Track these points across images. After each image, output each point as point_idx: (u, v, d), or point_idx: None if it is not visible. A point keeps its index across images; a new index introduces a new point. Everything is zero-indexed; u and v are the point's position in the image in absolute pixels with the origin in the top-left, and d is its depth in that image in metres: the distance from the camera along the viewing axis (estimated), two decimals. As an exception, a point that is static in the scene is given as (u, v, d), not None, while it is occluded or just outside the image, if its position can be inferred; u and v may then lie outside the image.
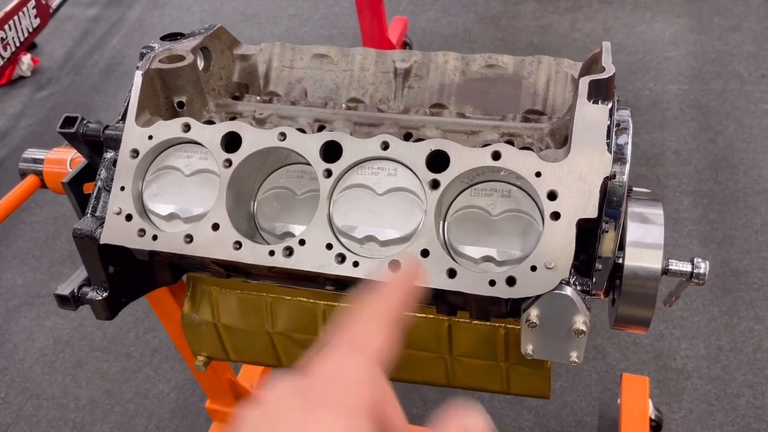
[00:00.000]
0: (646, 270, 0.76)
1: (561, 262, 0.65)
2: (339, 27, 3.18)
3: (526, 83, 0.86)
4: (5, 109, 3.01)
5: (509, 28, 3.01)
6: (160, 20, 3.46)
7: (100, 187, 0.81)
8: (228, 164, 0.75)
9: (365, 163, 0.73)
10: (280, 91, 0.94)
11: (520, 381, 0.88)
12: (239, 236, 0.73)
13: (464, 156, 0.69)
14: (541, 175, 0.67)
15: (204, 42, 0.89)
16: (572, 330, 0.69)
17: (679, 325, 1.76)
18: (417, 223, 0.70)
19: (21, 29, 2.97)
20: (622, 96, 1.46)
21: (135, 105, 0.79)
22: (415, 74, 0.90)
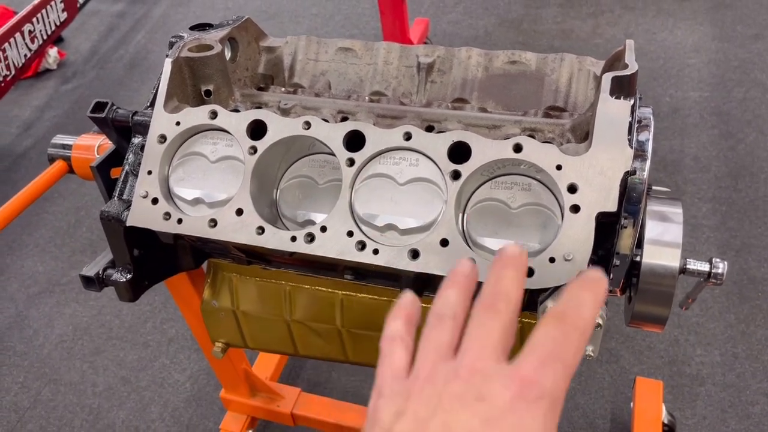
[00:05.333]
0: (664, 268, 0.77)
1: (580, 254, 0.66)
2: (360, 27, 3.20)
3: (549, 80, 0.87)
4: (31, 101, 3.06)
5: (530, 31, 3.01)
6: (184, 17, 3.50)
7: (128, 172, 0.83)
8: (253, 151, 0.77)
9: (387, 153, 0.74)
10: (305, 83, 0.95)
11: (535, 375, 0.89)
12: (262, 221, 0.74)
13: (486, 148, 0.70)
14: (561, 168, 0.68)
15: (232, 33, 0.90)
16: (588, 323, 0.69)
17: (694, 331, 1.75)
18: (437, 213, 0.71)
19: (48, 23, 3.02)
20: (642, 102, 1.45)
21: (164, 92, 0.81)
22: (438, 69, 0.91)
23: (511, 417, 0.37)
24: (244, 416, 1.55)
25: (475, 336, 0.41)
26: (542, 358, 0.39)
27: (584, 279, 0.42)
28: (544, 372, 0.38)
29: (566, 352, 0.39)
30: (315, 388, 1.72)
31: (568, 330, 0.40)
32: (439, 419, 0.37)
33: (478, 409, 0.37)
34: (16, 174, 2.66)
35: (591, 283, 0.42)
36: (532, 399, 0.37)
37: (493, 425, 0.36)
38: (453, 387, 0.38)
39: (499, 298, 0.43)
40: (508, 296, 0.43)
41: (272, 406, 1.49)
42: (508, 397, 0.37)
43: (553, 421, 0.38)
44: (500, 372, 0.39)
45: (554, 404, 0.38)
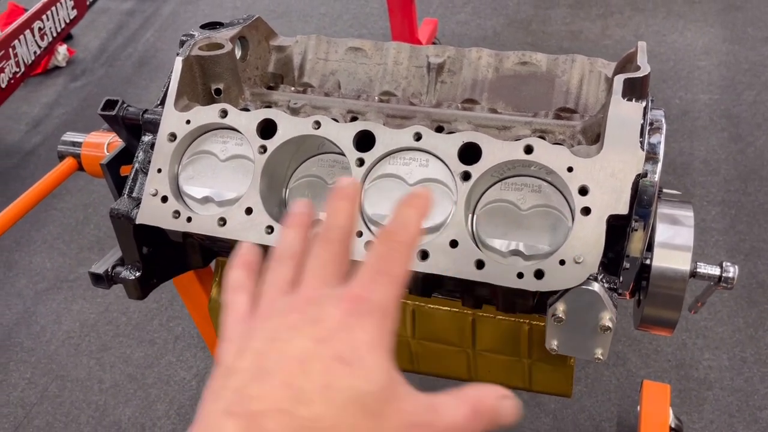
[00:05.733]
0: (674, 271, 0.77)
1: (590, 257, 0.66)
2: (369, 27, 3.20)
3: (559, 81, 0.87)
4: (40, 98, 3.08)
5: (539, 32, 3.00)
6: (193, 15, 3.51)
7: (138, 169, 0.83)
8: (263, 150, 0.77)
9: (397, 154, 0.74)
10: (314, 83, 0.95)
11: (543, 378, 0.89)
12: (271, 221, 0.74)
13: (496, 149, 0.70)
14: (572, 170, 0.68)
15: (242, 32, 0.90)
16: (598, 326, 0.69)
17: (702, 334, 1.74)
18: (447, 214, 0.71)
19: (58, 20, 3.04)
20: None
21: (174, 90, 0.81)
22: (448, 69, 0.91)
23: (342, 333, 0.38)
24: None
25: (309, 267, 0.44)
26: (370, 275, 0.41)
27: (409, 196, 0.45)
28: (372, 287, 0.41)
29: (392, 266, 0.42)
30: (321, 387, 1.71)
31: (393, 245, 0.43)
32: (276, 348, 0.38)
33: (311, 332, 0.39)
34: (24, 171, 2.67)
35: (414, 199, 0.45)
36: (362, 313, 0.39)
37: (326, 343, 0.38)
38: (289, 318, 0.40)
39: (330, 229, 0.45)
40: (340, 226, 0.45)
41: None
42: (339, 316, 0.39)
43: (385, 331, 0.40)
44: (332, 295, 0.41)
45: (385, 315, 0.40)
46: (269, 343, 0.38)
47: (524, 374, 0.89)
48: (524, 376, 0.89)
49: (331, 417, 0.35)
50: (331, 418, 0.35)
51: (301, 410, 0.35)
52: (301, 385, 0.36)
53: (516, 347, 0.87)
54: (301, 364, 0.37)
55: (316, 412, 0.35)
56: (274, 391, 0.36)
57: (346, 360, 0.37)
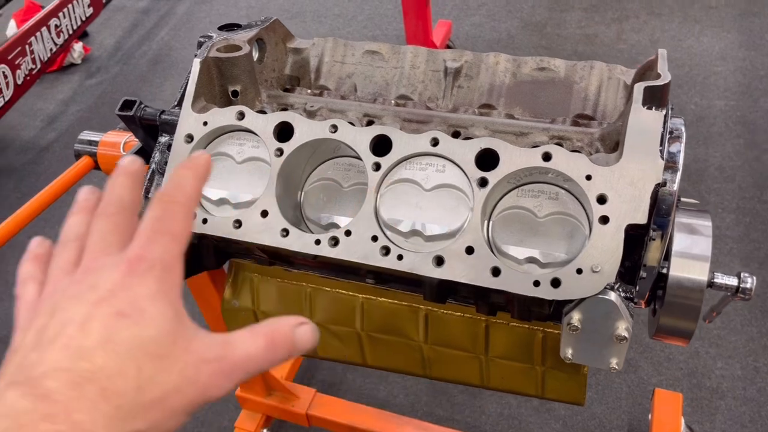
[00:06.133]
0: (691, 281, 0.76)
1: (607, 266, 0.65)
2: (383, 28, 3.20)
3: (577, 88, 0.86)
4: (56, 95, 3.10)
5: (554, 36, 2.99)
6: (207, 14, 3.53)
7: (154, 170, 0.83)
8: (279, 153, 0.77)
9: (414, 159, 0.74)
10: (331, 86, 0.95)
11: (556, 386, 0.88)
12: (287, 224, 0.74)
13: (514, 155, 0.70)
14: (591, 179, 0.67)
15: (260, 33, 0.90)
16: (614, 336, 0.69)
17: (715, 343, 1.73)
18: (463, 220, 0.71)
19: (74, 17, 3.06)
20: None
21: (192, 91, 0.81)
22: (465, 74, 0.90)
23: (122, 292, 0.40)
24: (259, 415, 1.56)
25: (90, 242, 0.44)
26: (147, 236, 0.42)
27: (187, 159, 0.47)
28: (151, 246, 0.42)
29: (170, 224, 0.43)
30: (330, 388, 1.72)
31: (169, 206, 0.44)
32: (56, 320, 0.39)
33: (90, 297, 0.40)
34: (39, 167, 2.70)
35: (190, 161, 0.46)
36: (142, 271, 0.40)
37: (105, 302, 0.39)
38: (69, 290, 0.41)
39: (109, 203, 0.46)
40: (118, 198, 0.46)
41: (287, 405, 1.49)
42: (119, 278, 0.40)
43: (169, 284, 0.41)
44: (111, 261, 0.42)
45: (167, 270, 0.41)
46: (50, 316, 0.39)
47: (537, 382, 0.89)
48: (537, 384, 0.89)
49: (115, 365, 0.37)
50: (114, 366, 0.37)
51: (82, 364, 0.36)
52: (80, 344, 0.37)
53: (529, 354, 0.86)
54: (80, 326, 0.38)
55: (98, 364, 0.37)
56: (53, 354, 0.37)
57: (125, 314, 0.38)
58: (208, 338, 0.41)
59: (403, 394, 1.70)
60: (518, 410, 1.64)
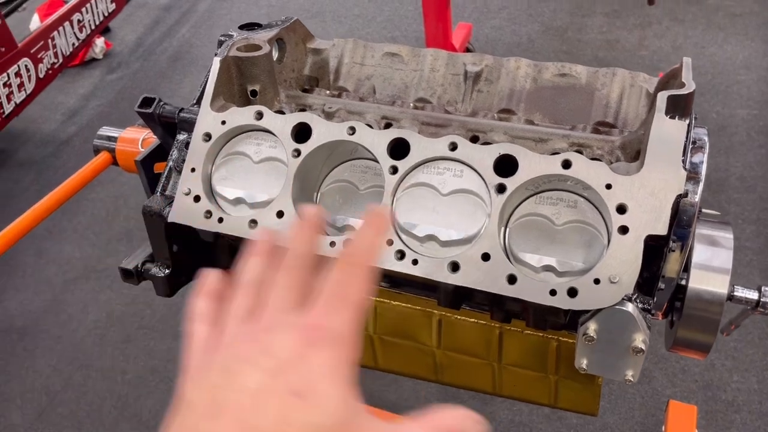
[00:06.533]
0: (711, 294, 0.75)
1: (626, 277, 0.64)
2: (402, 29, 3.19)
3: (599, 95, 0.85)
4: (77, 89, 3.13)
5: (574, 41, 2.97)
6: (228, 12, 3.54)
7: (171, 168, 0.83)
8: (297, 154, 0.76)
9: (431, 163, 0.73)
10: (350, 87, 0.95)
11: (569, 395, 0.87)
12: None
13: (533, 162, 0.69)
14: (611, 188, 0.66)
15: (280, 33, 0.90)
16: (631, 347, 0.68)
17: (731, 356, 1.70)
18: (479, 226, 0.70)
19: (97, 13, 3.09)
20: None
21: (211, 90, 0.81)
22: (485, 78, 0.90)
23: (297, 364, 0.37)
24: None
25: (270, 296, 0.43)
26: (327, 301, 0.40)
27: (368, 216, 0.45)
28: (329, 315, 0.40)
29: (352, 291, 0.41)
30: (340, 389, 1.71)
31: (350, 270, 0.42)
32: (230, 381, 0.37)
33: (264, 364, 0.38)
34: (58, 160, 2.72)
35: (372, 219, 0.45)
36: (320, 342, 0.38)
37: (279, 375, 0.37)
38: (243, 348, 0.39)
39: (291, 257, 0.45)
40: (302, 254, 0.45)
41: (298, 405, 1.49)
42: (294, 346, 0.38)
43: (343, 360, 0.39)
44: (287, 323, 0.40)
45: (343, 344, 0.39)
46: (223, 375, 0.38)
47: (550, 391, 0.88)
48: (550, 393, 0.88)
49: None
50: None
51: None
52: (254, 423, 0.35)
53: (543, 363, 0.85)
54: (253, 399, 0.36)
55: None
56: (227, 429, 0.35)
57: (300, 393, 0.36)
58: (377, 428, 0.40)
59: (413, 398, 1.69)
60: (529, 417, 1.63)
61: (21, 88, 2.66)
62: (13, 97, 2.62)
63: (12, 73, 2.60)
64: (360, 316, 0.41)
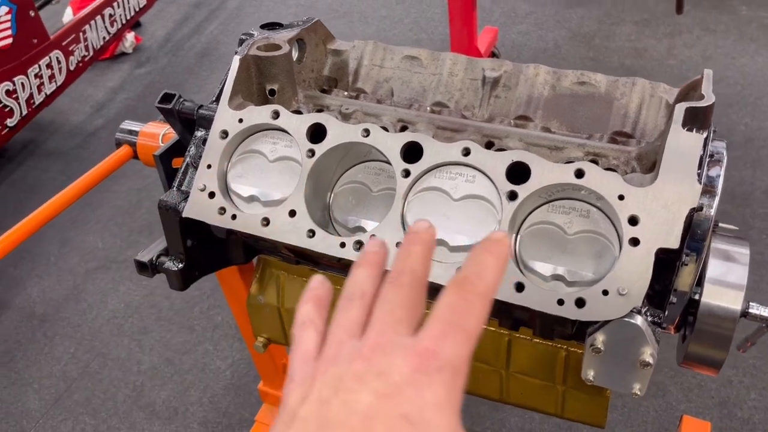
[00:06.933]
0: (724, 310, 0.73)
1: (635, 289, 0.64)
2: (428, 32, 3.19)
3: (618, 104, 0.84)
4: (106, 82, 3.18)
5: (602, 48, 2.94)
6: (256, 10, 3.57)
7: (188, 163, 0.84)
8: (311, 154, 0.77)
9: (444, 167, 0.73)
10: (368, 89, 0.95)
11: (576, 406, 0.86)
12: (313, 225, 0.75)
13: (546, 170, 0.69)
14: (624, 199, 0.66)
15: (301, 34, 0.91)
16: (638, 361, 0.67)
17: (750, 373, 1.67)
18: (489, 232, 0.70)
19: (128, 8, 3.13)
20: None
21: (230, 88, 0.82)
22: (503, 84, 0.89)
23: (409, 390, 0.36)
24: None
25: (379, 311, 0.41)
26: (442, 327, 0.39)
27: (486, 241, 0.42)
28: (444, 342, 0.38)
29: (467, 319, 0.39)
30: (352, 389, 1.72)
31: (468, 297, 0.40)
32: (340, 399, 0.37)
33: (377, 386, 0.37)
34: (85, 151, 2.77)
35: (493, 245, 0.42)
36: (432, 370, 0.37)
37: (391, 400, 0.36)
38: (355, 365, 0.38)
39: (403, 274, 0.42)
40: (413, 270, 0.43)
41: (308, 403, 1.50)
42: (407, 371, 0.37)
43: (455, 390, 0.38)
44: (401, 346, 0.39)
45: (456, 374, 0.38)
46: (333, 392, 0.37)
47: (557, 401, 0.87)
48: (557, 403, 0.87)
49: None
50: None
51: None
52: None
53: (551, 372, 0.85)
54: (364, 421, 0.35)
55: None
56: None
57: (411, 420, 0.35)
58: None
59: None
60: (540, 426, 1.61)
61: (52, 80, 2.71)
62: (43, 88, 2.67)
63: (43, 65, 2.65)
64: (472, 346, 0.40)
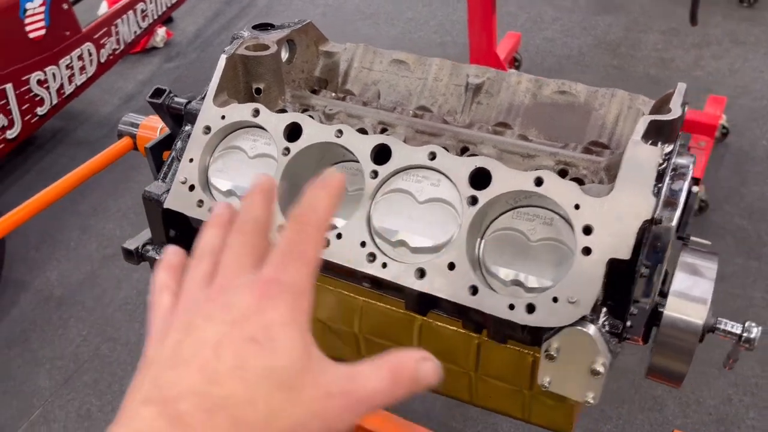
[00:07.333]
0: (686, 323, 0.74)
1: (585, 298, 0.64)
2: (453, 35, 3.20)
3: (596, 114, 0.85)
4: (136, 75, 3.27)
5: (627, 56, 2.91)
6: (286, 9, 3.62)
7: (174, 157, 0.88)
8: (286, 152, 0.79)
9: (412, 171, 0.75)
10: (356, 91, 0.97)
11: (542, 412, 0.87)
12: (284, 220, 0.77)
13: (507, 177, 0.70)
14: (579, 208, 0.66)
15: (291, 35, 0.94)
16: (590, 369, 0.68)
17: (751, 392, 1.65)
18: (450, 235, 0.71)
19: (160, 3, 3.21)
20: (736, 142, 1.32)
21: (215, 86, 0.85)
22: (486, 91, 0.91)
23: (255, 315, 0.39)
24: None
25: (225, 259, 0.44)
26: (282, 258, 0.42)
27: (320, 178, 0.45)
28: (285, 269, 0.41)
29: (303, 248, 0.42)
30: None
31: (303, 228, 0.43)
32: (191, 338, 0.39)
33: (224, 318, 0.39)
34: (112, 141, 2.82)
35: (325, 182, 0.45)
36: (275, 295, 0.40)
37: (238, 326, 0.39)
38: (203, 307, 0.41)
39: (246, 222, 0.46)
40: (255, 218, 0.46)
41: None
42: (252, 300, 0.40)
43: (300, 311, 0.40)
44: (245, 282, 0.41)
45: (299, 295, 0.41)
46: (185, 334, 0.40)
47: (524, 405, 0.88)
48: (524, 408, 0.88)
49: (245, 393, 0.37)
50: (244, 395, 0.37)
51: (215, 390, 0.37)
52: (214, 368, 0.37)
53: (518, 377, 0.86)
54: (214, 349, 0.38)
55: (230, 390, 0.37)
56: (188, 376, 0.37)
57: (257, 340, 0.38)
58: (334, 371, 0.41)
59: (419, 401, 1.70)
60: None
61: (82, 71, 2.80)
62: (74, 78, 2.76)
63: (75, 56, 2.74)
64: (314, 270, 0.43)
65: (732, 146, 2.33)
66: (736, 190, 2.17)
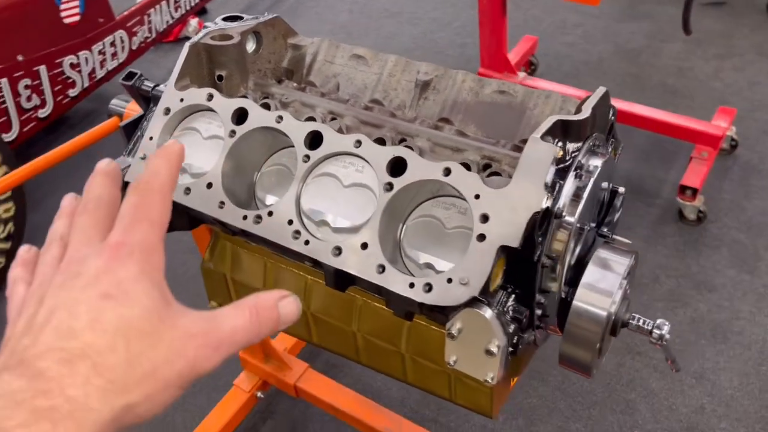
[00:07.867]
0: (590, 313, 0.78)
1: (474, 280, 0.69)
2: (474, 36, 3.21)
3: (529, 114, 0.89)
4: (166, 63, 3.40)
5: (646, 65, 2.89)
6: (316, 4, 3.71)
7: (140, 135, 0.96)
8: (232, 134, 0.86)
9: (340, 157, 0.81)
10: (317, 82, 1.04)
11: (464, 392, 0.92)
12: (225, 197, 0.84)
13: (420, 166, 0.75)
14: (479, 198, 0.71)
15: (257, 27, 1.00)
16: (485, 349, 0.72)
17: (725, 403, 1.65)
18: (366, 217, 0.77)
19: (194, -5, 3.34)
20: (746, 154, 1.32)
21: (178, 71, 0.93)
22: (433, 87, 0.96)
23: (106, 276, 0.42)
24: (257, 378, 1.67)
25: (71, 238, 0.47)
26: (127, 223, 0.45)
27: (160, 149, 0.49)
28: (130, 232, 0.44)
29: (148, 210, 0.45)
30: (331, 369, 1.81)
31: (146, 194, 0.46)
32: (45, 306, 0.42)
33: (76, 283, 0.42)
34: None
35: (163, 150, 0.49)
36: (124, 256, 0.43)
37: (90, 287, 0.41)
38: (55, 280, 0.44)
39: (89, 201, 0.49)
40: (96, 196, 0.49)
41: (280, 374, 1.60)
42: (102, 263, 0.43)
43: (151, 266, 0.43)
44: (93, 250, 0.44)
45: (148, 253, 0.44)
46: (39, 305, 0.43)
47: (449, 385, 0.93)
48: (449, 388, 0.93)
49: (104, 342, 0.39)
50: (103, 343, 0.39)
51: (72, 343, 0.39)
52: (69, 326, 0.40)
53: (442, 357, 0.91)
54: (68, 309, 0.41)
55: (88, 341, 0.39)
56: (44, 337, 0.40)
57: (111, 296, 0.41)
58: (194, 315, 0.44)
59: (396, 388, 1.76)
60: (502, 426, 1.65)
61: (114, 57, 2.93)
62: (105, 63, 2.90)
63: (107, 43, 2.88)
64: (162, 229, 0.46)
65: (740, 159, 2.31)
66: (738, 203, 2.15)
